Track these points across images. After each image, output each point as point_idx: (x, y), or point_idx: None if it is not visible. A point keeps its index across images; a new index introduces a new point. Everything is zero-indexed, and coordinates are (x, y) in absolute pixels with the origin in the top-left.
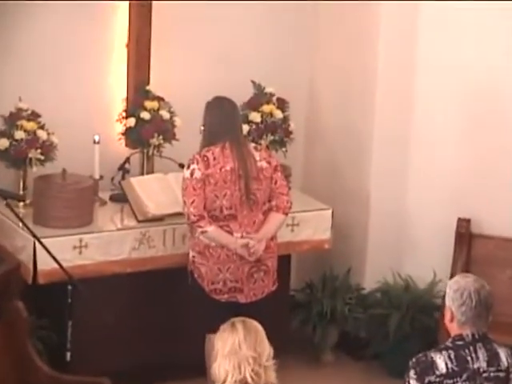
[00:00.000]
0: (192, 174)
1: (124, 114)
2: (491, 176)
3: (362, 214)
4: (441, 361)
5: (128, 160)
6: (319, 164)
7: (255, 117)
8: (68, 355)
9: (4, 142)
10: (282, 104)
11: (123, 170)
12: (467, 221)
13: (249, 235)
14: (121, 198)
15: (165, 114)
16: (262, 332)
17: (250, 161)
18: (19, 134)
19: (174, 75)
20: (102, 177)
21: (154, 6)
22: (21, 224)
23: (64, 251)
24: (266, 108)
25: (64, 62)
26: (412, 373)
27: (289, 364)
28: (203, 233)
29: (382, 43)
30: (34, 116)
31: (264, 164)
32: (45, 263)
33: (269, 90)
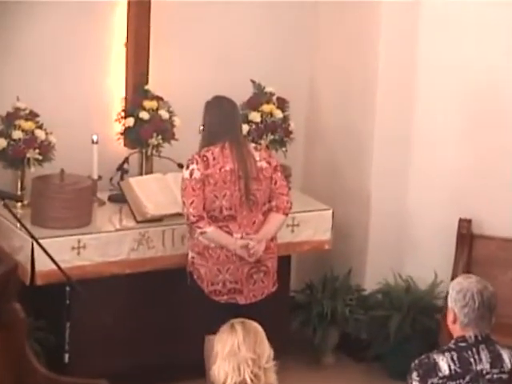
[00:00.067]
0: (191, 175)
1: (123, 114)
2: (492, 176)
3: (363, 214)
4: (443, 362)
5: (127, 160)
6: (319, 164)
7: (255, 116)
8: (66, 357)
9: (2, 142)
10: (281, 104)
11: (122, 170)
12: (468, 221)
13: (248, 236)
14: (119, 199)
15: (164, 113)
16: (262, 333)
17: (250, 161)
18: (17, 134)
19: (173, 74)
20: (100, 177)
21: (153, 4)
22: (18, 225)
23: (62, 252)
24: (265, 108)
25: (63, 62)
26: (415, 375)
27: (289, 366)
28: (202, 233)
29: (382, 43)
30: (32, 115)
31: (264, 164)
32: (43, 264)
33: (269, 89)
